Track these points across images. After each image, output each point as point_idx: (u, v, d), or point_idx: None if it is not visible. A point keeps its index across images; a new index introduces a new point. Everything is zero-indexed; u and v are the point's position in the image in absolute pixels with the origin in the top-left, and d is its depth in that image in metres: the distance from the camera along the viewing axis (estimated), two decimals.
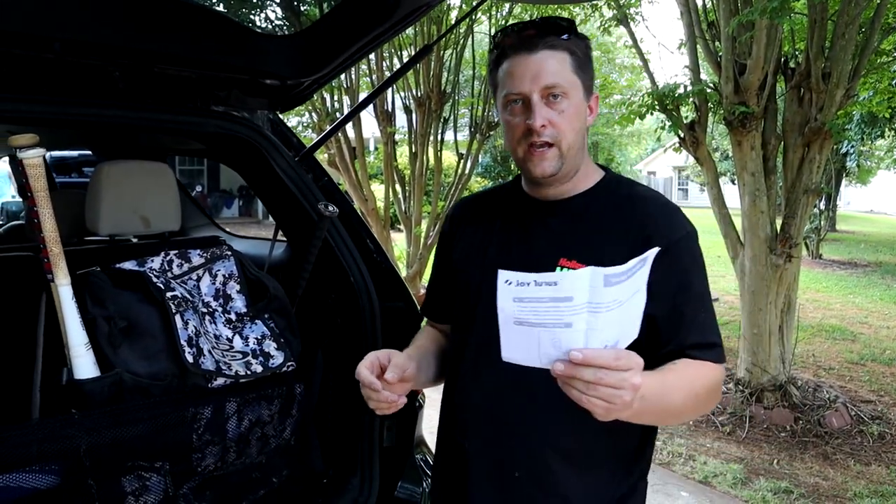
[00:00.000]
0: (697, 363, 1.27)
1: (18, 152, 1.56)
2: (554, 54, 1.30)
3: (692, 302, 1.30)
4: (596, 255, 1.26)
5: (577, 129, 1.33)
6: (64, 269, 1.61)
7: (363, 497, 2.05)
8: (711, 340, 1.30)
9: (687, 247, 1.32)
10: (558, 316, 1.02)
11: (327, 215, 2.02)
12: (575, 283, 1.00)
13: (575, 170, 1.36)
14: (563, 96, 1.30)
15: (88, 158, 7.32)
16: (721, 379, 1.32)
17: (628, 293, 1.03)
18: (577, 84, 1.31)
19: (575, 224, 1.36)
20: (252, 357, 1.84)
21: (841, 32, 4.64)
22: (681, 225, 1.34)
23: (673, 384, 1.22)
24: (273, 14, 2.50)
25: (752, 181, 5.02)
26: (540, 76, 1.30)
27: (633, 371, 1.05)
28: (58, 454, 1.54)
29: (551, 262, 1.32)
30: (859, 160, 18.83)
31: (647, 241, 1.24)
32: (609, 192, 1.38)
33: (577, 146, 1.34)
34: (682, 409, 1.27)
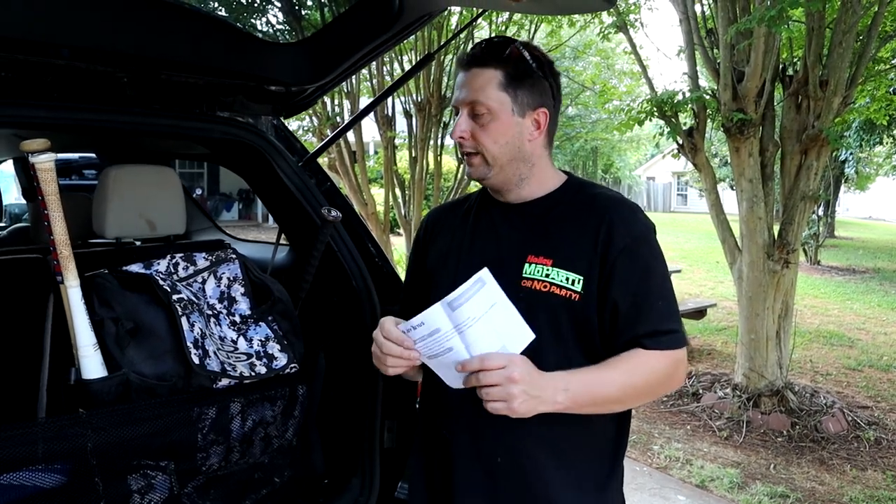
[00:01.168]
0: (645, 353, 1.38)
1: (30, 156, 1.58)
2: (482, 72, 1.42)
3: (651, 292, 1.40)
4: (561, 251, 1.41)
5: (503, 143, 1.43)
6: (73, 271, 1.64)
7: (364, 497, 2.07)
8: (667, 328, 1.40)
9: (647, 240, 1.42)
10: (441, 345, 1.27)
11: (331, 220, 2.05)
12: (434, 317, 1.24)
13: (518, 177, 1.47)
14: (486, 113, 1.41)
15: (90, 161, 7.34)
16: (676, 361, 1.41)
17: (481, 308, 1.24)
18: (504, 101, 1.41)
19: (540, 224, 1.46)
20: (256, 358, 1.86)
21: (838, 40, 4.68)
22: (639, 222, 1.43)
23: (607, 376, 1.36)
24: (275, 19, 2.53)
25: (750, 187, 5.05)
26: (463, 91, 1.44)
27: (507, 367, 1.26)
28: (65, 453, 1.56)
29: (520, 259, 1.43)
30: (858, 167, 18.87)
31: (609, 236, 1.39)
32: (573, 194, 1.48)
33: (508, 158, 1.44)
34: (623, 396, 1.39)
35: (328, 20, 2.09)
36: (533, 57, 1.43)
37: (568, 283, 1.39)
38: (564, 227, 1.44)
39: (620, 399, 1.40)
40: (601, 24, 7.53)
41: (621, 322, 1.39)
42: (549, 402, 1.31)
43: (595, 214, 1.43)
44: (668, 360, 1.40)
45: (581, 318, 1.40)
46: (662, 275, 1.44)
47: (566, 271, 1.40)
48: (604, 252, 1.39)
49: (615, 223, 1.41)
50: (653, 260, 1.42)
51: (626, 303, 1.39)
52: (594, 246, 1.40)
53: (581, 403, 1.35)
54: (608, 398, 1.38)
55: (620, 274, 1.39)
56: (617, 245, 1.39)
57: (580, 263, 1.40)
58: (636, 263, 1.40)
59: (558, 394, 1.31)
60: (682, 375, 1.46)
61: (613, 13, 6.48)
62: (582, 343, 1.42)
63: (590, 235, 1.41)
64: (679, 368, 1.43)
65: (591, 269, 1.39)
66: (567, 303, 1.39)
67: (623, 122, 5.91)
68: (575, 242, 1.42)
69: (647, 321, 1.39)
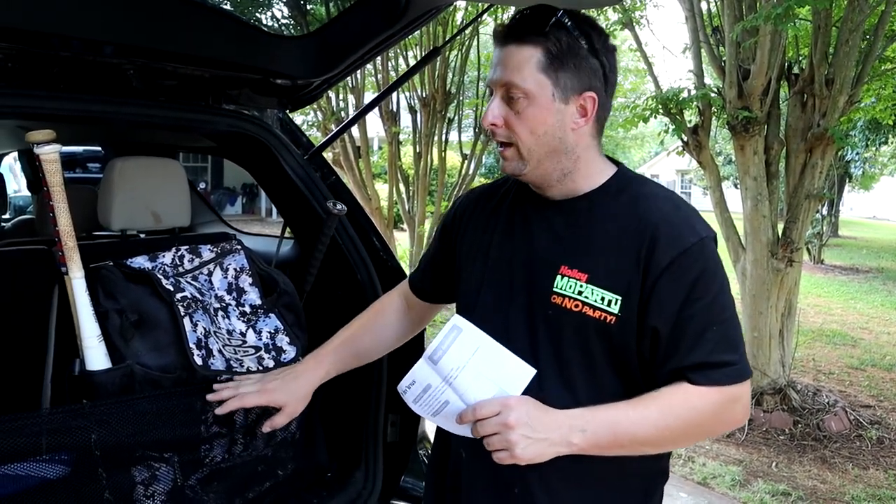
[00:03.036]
0: (690, 388, 1.18)
1: (35, 147, 1.59)
2: (519, 49, 1.20)
3: (700, 316, 1.18)
4: (598, 265, 1.22)
5: (542, 133, 1.22)
6: (78, 263, 1.64)
7: (367, 491, 2.08)
8: (721, 359, 1.18)
9: (698, 255, 1.19)
10: (437, 400, 1.20)
11: (335, 213, 2.05)
12: (421, 373, 1.18)
13: (560, 173, 1.26)
14: (522, 97, 1.20)
15: (95, 155, 7.35)
16: (731, 398, 1.19)
17: (464, 356, 1.16)
18: (543, 84, 1.19)
19: (578, 228, 1.27)
20: (265, 352, 1.86)
21: (845, 39, 4.67)
22: (691, 231, 1.20)
23: (638, 414, 1.17)
24: (280, 13, 2.53)
25: (754, 185, 5.04)
26: (497, 71, 1.23)
27: (502, 413, 1.14)
28: (69, 444, 1.57)
29: (552, 269, 1.25)
30: (864, 167, 18.83)
31: (652, 248, 1.18)
32: (618, 193, 1.27)
33: (546, 150, 1.23)
34: (657, 438, 1.20)
35: (334, 14, 2.09)
36: (581, 30, 1.20)
37: (603, 304, 1.20)
38: (604, 235, 1.23)
39: (655, 442, 1.21)
40: (607, 20, 7.51)
41: (663, 351, 1.19)
42: (560, 443, 1.15)
43: (639, 220, 1.21)
44: (719, 398, 1.18)
45: (617, 344, 1.21)
46: (718, 295, 1.20)
47: (602, 289, 1.20)
48: (645, 267, 1.18)
49: (661, 232, 1.19)
50: (706, 278, 1.19)
51: (668, 329, 1.18)
52: (636, 260, 1.19)
53: (603, 445, 1.18)
54: (637, 440, 1.18)
55: (663, 294, 1.18)
56: (661, 259, 1.17)
57: (619, 280, 1.20)
58: (683, 281, 1.17)
59: (573, 434, 1.15)
60: (739, 414, 1.23)
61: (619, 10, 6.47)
62: (618, 372, 1.24)
63: (631, 246, 1.20)
64: (735, 407, 1.21)
65: (631, 287, 1.19)
66: (601, 326, 1.20)
67: (628, 118, 5.90)
68: (615, 254, 1.21)
69: (695, 351, 1.17)
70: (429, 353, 1.16)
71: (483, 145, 8.43)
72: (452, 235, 1.49)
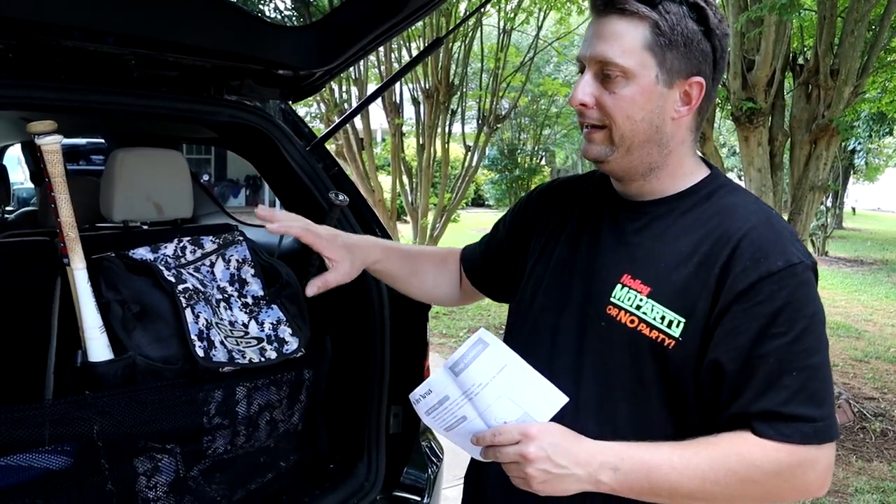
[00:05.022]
0: (751, 439, 1.00)
1: (37, 138, 1.58)
2: (624, 23, 1.05)
3: (777, 356, 1.00)
4: (664, 279, 1.07)
5: (639, 118, 1.07)
6: (80, 254, 1.64)
7: (369, 482, 2.08)
8: (797, 412, 0.99)
9: (785, 283, 1.01)
10: (453, 414, 1.08)
11: (338, 204, 2.04)
12: (440, 383, 1.06)
13: (647, 166, 1.12)
14: (620, 76, 1.05)
15: (98, 146, 7.35)
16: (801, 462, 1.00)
17: (489, 373, 1.04)
18: (648, 64, 1.05)
19: (651, 235, 1.12)
20: (267, 343, 1.86)
21: (850, 29, 4.64)
22: (781, 253, 1.02)
23: (682, 460, 1.01)
24: (283, 3, 2.52)
25: (758, 177, 5.03)
26: (595, 45, 1.07)
27: (521, 443, 1.02)
28: (71, 435, 1.57)
29: (615, 276, 1.12)
30: (867, 157, 18.77)
31: (728, 271, 1.02)
32: (703, 200, 1.12)
33: (640, 139, 1.09)
34: (703, 493, 1.01)
35: (336, 4, 2.08)
36: (695, 6, 1.05)
37: (662, 324, 1.05)
38: (677, 247, 1.08)
39: (701, 497, 1.02)
40: None
41: (727, 392, 1.03)
42: (587, 481, 1.02)
43: (720, 234, 1.05)
44: (786, 458, 0.99)
45: (673, 373, 1.06)
46: (804, 336, 1.01)
47: (664, 307, 1.05)
48: (718, 289, 1.02)
49: (743, 251, 1.02)
50: (790, 311, 1.00)
51: (735, 366, 1.01)
52: (709, 279, 1.03)
53: (637, 490, 1.03)
54: (679, 491, 1.01)
55: (735, 324, 1.01)
56: (738, 283, 1.01)
57: (685, 300, 1.04)
58: (761, 311, 1.00)
59: (603, 472, 1.01)
60: (813, 483, 1.02)
61: None
62: (670, 407, 1.08)
63: (707, 263, 1.04)
64: (806, 473, 1.01)
65: (698, 310, 1.03)
66: (657, 349, 1.06)
67: None
68: (686, 269, 1.05)
69: (765, 397, 1.00)
70: (450, 363, 1.05)
71: (486, 137, 8.42)
72: (524, 228, 1.36)
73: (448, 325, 7.57)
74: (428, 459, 2.19)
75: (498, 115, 8.44)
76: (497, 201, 18.25)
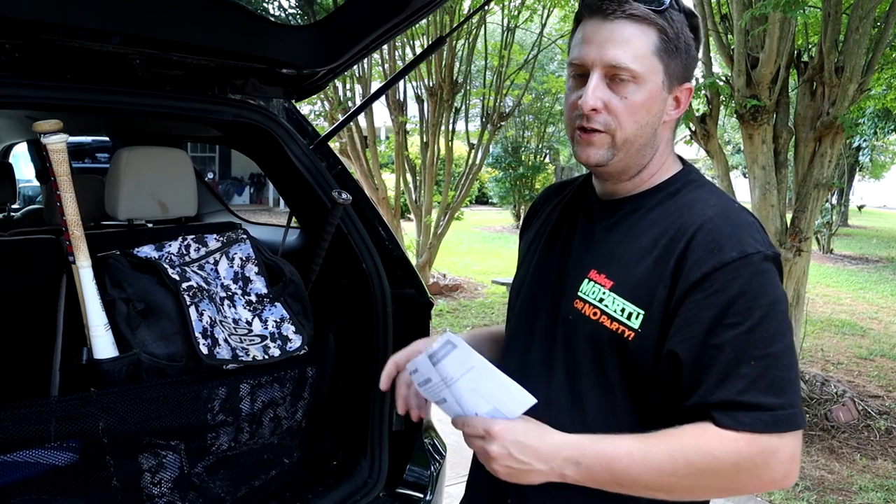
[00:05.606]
0: (712, 430, 1.00)
1: (42, 137, 1.59)
2: (635, 27, 1.06)
3: (733, 345, 1.01)
4: (625, 272, 1.10)
5: (643, 123, 1.09)
6: (85, 252, 1.65)
7: (372, 479, 2.09)
8: (756, 401, 0.99)
9: (739, 273, 1.02)
10: (438, 394, 1.11)
11: (341, 202, 2.05)
12: (423, 366, 1.09)
13: (639, 165, 1.14)
14: (631, 80, 1.07)
15: (103, 145, 7.37)
16: (762, 451, 1.00)
17: (458, 371, 1.06)
18: (656, 69, 1.07)
19: (618, 231, 1.15)
20: (270, 340, 1.87)
21: (855, 26, 4.63)
22: (735, 244, 1.04)
23: (642, 453, 1.02)
24: (287, 2, 2.53)
25: (762, 174, 5.02)
26: (606, 49, 1.06)
27: (485, 439, 1.04)
28: (77, 431, 1.59)
29: (583, 271, 1.15)
30: (872, 155, 18.71)
31: (683, 262, 1.04)
32: (670, 195, 1.15)
33: (641, 142, 1.11)
34: (665, 485, 1.03)
35: (340, 3, 2.08)
36: (690, 15, 1.10)
37: (622, 316, 1.08)
38: (639, 241, 1.11)
39: (661, 488, 1.03)
40: None
41: (685, 382, 1.04)
42: (551, 474, 1.04)
43: (678, 228, 1.08)
44: (746, 447, 0.99)
45: (633, 363, 1.08)
46: (762, 324, 1.01)
47: (624, 300, 1.08)
48: (674, 281, 1.04)
49: (697, 242, 1.04)
50: (745, 300, 1.01)
51: (691, 356, 1.02)
52: (666, 271, 1.05)
53: (600, 482, 1.04)
54: (639, 482, 1.03)
55: (690, 314, 1.03)
56: (692, 274, 1.03)
57: (644, 292, 1.07)
58: (715, 302, 1.01)
59: (567, 466, 1.03)
60: (777, 473, 1.01)
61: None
62: (632, 396, 1.10)
63: (664, 257, 1.06)
64: (768, 462, 1.00)
65: (656, 301, 1.06)
66: (617, 340, 1.08)
67: None
68: (645, 263, 1.08)
69: (723, 387, 1.00)
70: (430, 351, 1.08)
71: (490, 134, 8.42)
72: (525, 229, 1.42)
73: (451, 324, 7.57)
74: (431, 457, 2.20)
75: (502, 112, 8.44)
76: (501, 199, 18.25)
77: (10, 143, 4.85)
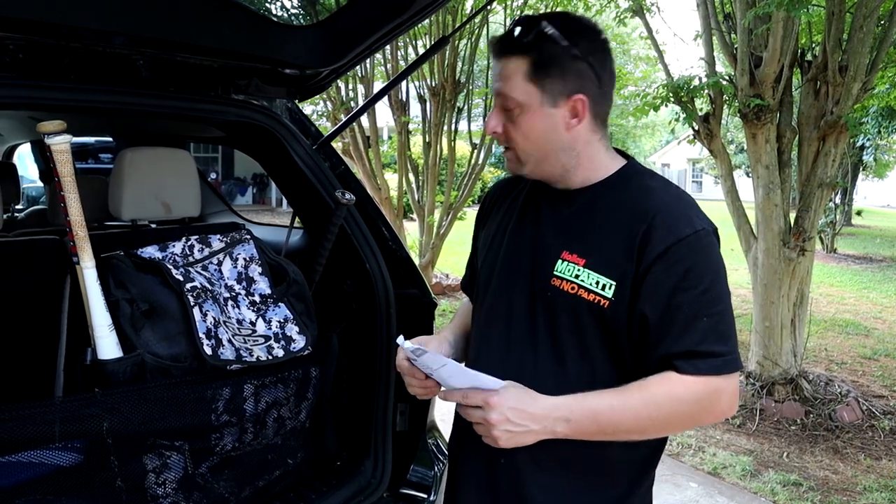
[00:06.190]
0: (675, 377, 1.22)
1: (46, 138, 1.59)
2: (508, 62, 1.28)
3: (690, 305, 1.22)
4: (596, 251, 1.28)
5: (535, 137, 1.30)
6: (89, 252, 1.65)
7: (376, 480, 2.09)
8: (709, 349, 1.22)
9: (692, 246, 1.23)
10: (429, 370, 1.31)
11: (344, 203, 2.05)
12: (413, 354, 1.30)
13: (562, 168, 1.33)
14: (515, 107, 1.28)
15: (106, 145, 7.38)
16: (716, 390, 1.23)
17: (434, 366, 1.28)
18: (531, 92, 1.27)
19: (581, 216, 1.33)
20: (274, 341, 1.87)
21: (859, 25, 4.62)
22: (688, 223, 1.25)
23: (621, 403, 1.22)
24: (290, 2, 2.53)
25: (766, 174, 5.01)
26: (496, 84, 1.31)
27: (484, 408, 1.21)
28: (81, 432, 1.58)
29: (555, 253, 1.32)
30: (876, 154, 18.65)
31: (647, 238, 1.23)
32: (624, 185, 1.33)
33: (542, 152, 1.31)
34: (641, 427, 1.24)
35: (343, 3, 2.08)
36: (567, 34, 1.26)
37: (597, 288, 1.26)
38: (605, 224, 1.30)
39: (638, 430, 1.26)
40: (617, 8, 7.46)
41: (653, 338, 1.24)
42: (544, 432, 1.23)
43: (639, 210, 1.27)
44: (703, 388, 1.22)
45: (610, 327, 1.27)
46: (712, 287, 1.23)
47: (598, 274, 1.26)
48: (640, 255, 1.23)
49: (657, 222, 1.24)
50: (698, 268, 1.23)
51: (657, 315, 1.23)
52: (632, 247, 1.24)
53: (587, 433, 1.24)
54: (621, 428, 1.24)
55: (655, 281, 1.22)
56: (655, 248, 1.22)
57: (615, 266, 1.26)
58: (675, 270, 1.22)
59: (558, 424, 1.22)
60: (724, 405, 1.26)
61: None
62: (610, 356, 1.29)
63: (629, 235, 1.25)
64: (719, 398, 1.24)
65: (626, 273, 1.24)
66: (594, 309, 1.26)
67: (638, 107, 5.86)
68: (613, 242, 1.27)
69: (683, 339, 1.22)
70: (411, 347, 1.29)
71: None
72: (482, 221, 1.57)
73: None
74: (434, 457, 2.20)
75: None
76: None
77: (14, 144, 4.86)
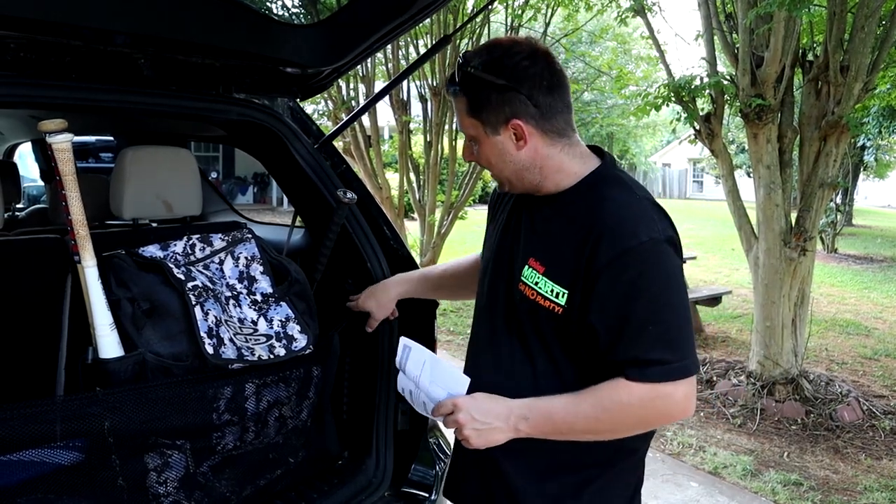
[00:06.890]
0: (623, 383, 1.28)
1: (47, 137, 1.59)
2: (456, 101, 1.42)
3: (637, 314, 1.27)
4: (554, 260, 1.36)
5: (495, 161, 1.41)
6: (90, 251, 1.65)
7: (377, 479, 2.09)
8: (654, 357, 1.27)
9: (638, 257, 1.27)
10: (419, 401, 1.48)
11: (346, 202, 2.05)
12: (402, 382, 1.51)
13: (534, 183, 1.41)
14: (471, 139, 1.42)
15: (107, 144, 7.38)
16: (662, 396, 1.28)
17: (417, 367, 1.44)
18: (475, 125, 1.39)
19: (549, 223, 1.41)
20: (276, 340, 1.87)
21: (860, 25, 4.61)
22: (633, 234, 1.28)
23: (573, 407, 1.32)
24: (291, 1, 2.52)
25: (767, 174, 5.01)
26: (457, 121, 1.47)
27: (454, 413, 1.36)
28: (82, 431, 1.58)
29: (524, 259, 1.42)
30: (877, 154, 18.63)
31: (594, 251, 1.28)
32: (587, 193, 1.38)
33: (509, 172, 1.41)
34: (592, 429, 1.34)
35: (344, 2, 2.08)
36: (491, 69, 1.34)
37: (552, 295, 1.34)
38: (561, 234, 1.37)
39: (591, 431, 1.34)
40: (618, 7, 7.46)
41: (602, 345, 1.31)
42: (509, 430, 1.35)
43: (591, 221, 1.31)
44: (650, 394, 1.28)
45: (564, 332, 1.36)
46: (659, 296, 1.28)
47: (553, 282, 1.34)
48: (588, 266, 1.29)
49: (604, 234, 1.28)
50: (644, 278, 1.28)
51: (604, 326, 1.29)
52: (582, 258, 1.30)
53: (547, 432, 1.35)
54: (575, 429, 1.34)
55: (600, 293, 1.28)
56: (600, 260, 1.28)
57: (567, 275, 1.32)
58: (620, 281, 1.27)
59: (520, 422, 1.34)
60: (676, 410, 1.32)
61: None
62: (570, 357, 1.38)
63: (581, 245, 1.30)
64: (668, 403, 1.30)
65: (576, 282, 1.31)
66: (550, 315, 1.35)
67: (639, 107, 5.86)
68: (567, 251, 1.33)
69: (630, 348, 1.28)
70: (396, 361, 1.48)
71: None
72: (488, 222, 1.67)
73: (455, 323, 7.58)
74: (436, 456, 2.20)
75: None
76: None
77: (15, 143, 4.86)
